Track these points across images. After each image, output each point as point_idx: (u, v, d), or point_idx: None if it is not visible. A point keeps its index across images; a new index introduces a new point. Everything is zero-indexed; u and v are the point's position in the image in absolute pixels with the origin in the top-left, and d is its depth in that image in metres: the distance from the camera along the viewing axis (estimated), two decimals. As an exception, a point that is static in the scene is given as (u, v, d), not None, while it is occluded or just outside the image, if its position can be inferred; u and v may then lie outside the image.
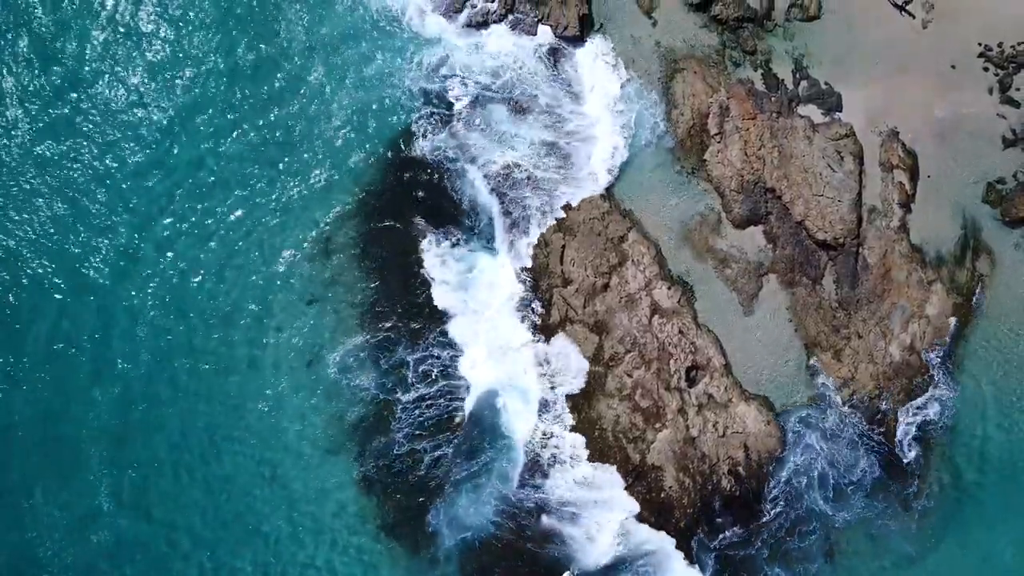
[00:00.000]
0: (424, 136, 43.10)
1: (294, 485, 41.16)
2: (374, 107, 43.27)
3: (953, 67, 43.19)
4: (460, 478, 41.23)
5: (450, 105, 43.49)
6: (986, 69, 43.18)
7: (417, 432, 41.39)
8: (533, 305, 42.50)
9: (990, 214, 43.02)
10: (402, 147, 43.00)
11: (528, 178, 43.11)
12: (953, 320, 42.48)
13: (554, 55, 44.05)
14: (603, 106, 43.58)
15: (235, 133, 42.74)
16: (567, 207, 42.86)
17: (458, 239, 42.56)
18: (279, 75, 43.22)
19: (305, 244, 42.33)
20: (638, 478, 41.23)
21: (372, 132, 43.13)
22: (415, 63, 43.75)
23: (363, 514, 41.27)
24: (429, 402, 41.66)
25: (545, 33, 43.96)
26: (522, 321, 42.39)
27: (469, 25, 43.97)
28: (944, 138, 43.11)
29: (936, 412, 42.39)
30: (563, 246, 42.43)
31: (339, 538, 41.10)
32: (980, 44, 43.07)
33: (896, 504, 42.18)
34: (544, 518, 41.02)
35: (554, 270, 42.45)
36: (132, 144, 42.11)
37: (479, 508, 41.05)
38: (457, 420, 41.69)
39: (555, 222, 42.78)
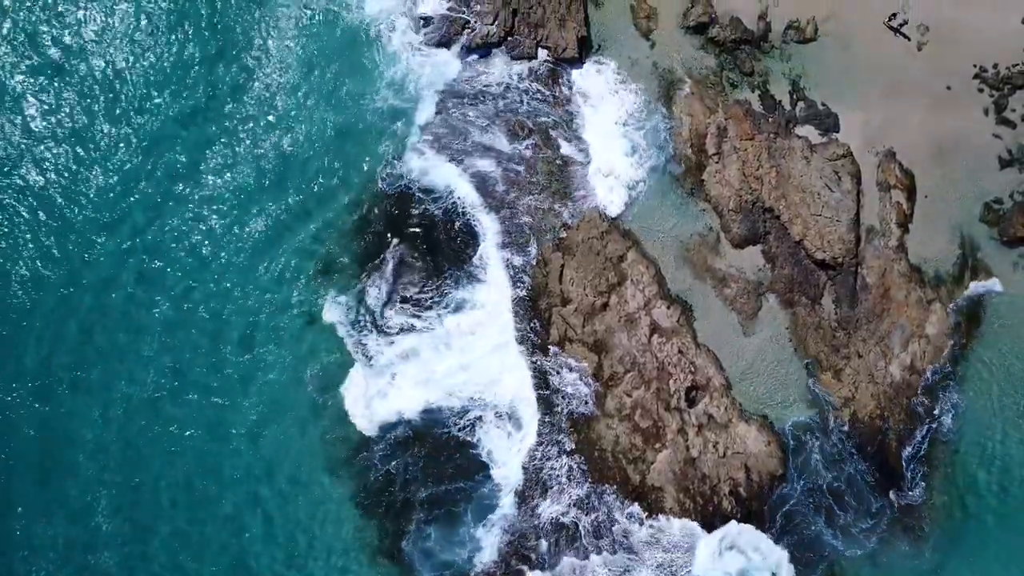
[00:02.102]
0: (420, 160, 43.29)
1: (288, 507, 40.89)
2: (368, 132, 43.54)
3: (949, 88, 43.53)
4: (454, 503, 40.94)
5: (447, 128, 43.72)
6: (981, 91, 43.51)
7: (413, 458, 41.23)
8: (531, 325, 42.39)
9: (988, 234, 43.15)
10: (398, 170, 43.15)
11: (525, 199, 43.24)
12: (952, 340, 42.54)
13: (552, 77, 44.40)
14: (601, 126, 43.88)
15: (232, 155, 43.05)
16: (565, 226, 42.96)
17: (446, 276, 42.55)
18: (273, 99, 43.52)
19: (303, 266, 42.36)
20: (638, 499, 40.86)
21: (368, 155, 43.35)
22: (413, 87, 44.01)
23: (359, 538, 40.86)
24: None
25: (544, 55, 44.35)
26: (519, 345, 42.19)
27: (468, 48, 44.31)
28: (941, 158, 43.34)
29: (939, 433, 42.09)
30: (562, 265, 42.44)
31: (333, 563, 40.68)
32: (975, 66, 43.43)
33: (900, 531, 41.70)
34: (544, 541, 40.68)
35: (553, 289, 42.41)
36: (119, 177, 42.39)
37: (476, 535, 40.71)
38: (454, 446, 41.48)
39: (553, 242, 42.84)
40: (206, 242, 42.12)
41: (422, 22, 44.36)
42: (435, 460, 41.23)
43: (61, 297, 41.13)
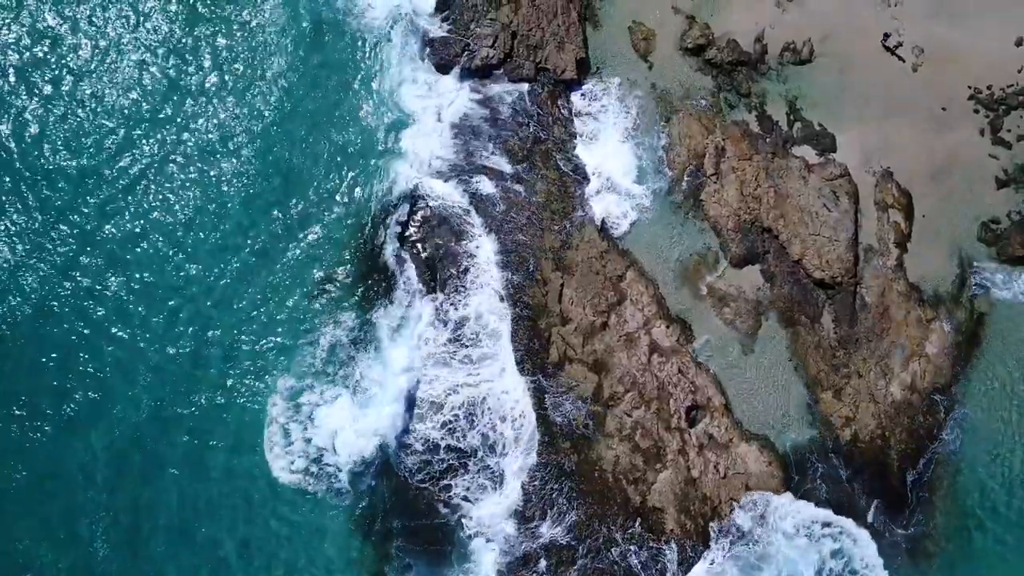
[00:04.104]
0: (418, 180, 43.39)
1: (287, 530, 40.48)
2: (364, 153, 43.58)
3: (944, 109, 43.87)
4: (450, 526, 40.55)
5: (446, 149, 43.89)
6: (977, 111, 43.87)
7: (406, 483, 40.95)
8: (531, 345, 42.27)
9: (986, 253, 43.27)
10: (395, 190, 43.22)
11: (524, 219, 43.34)
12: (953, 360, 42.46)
13: (551, 98, 44.68)
14: (599, 146, 44.13)
15: (234, 179, 43.14)
16: (565, 246, 43.01)
17: (444, 296, 42.41)
18: (273, 114, 43.72)
19: (298, 287, 42.24)
20: (639, 520, 40.54)
21: (365, 175, 43.42)
22: (412, 108, 44.28)
23: (352, 562, 40.42)
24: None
25: (543, 77, 44.66)
26: (518, 365, 42.01)
27: (467, 70, 44.60)
28: (937, 178, 43.58)
29: (944, 453, 41.85)
30: (561, 285, 42.47)
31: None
32: (970, 87, 43.82)
33: (905, 555, 41.27)
34: (544, 562, 40.27)
35: (552, 309, 42.40)
36: (115, 201, 42.30)
37: (475, 557, 40.29)
38: (451, 467, 41.19)
39: (553, 261, 42.87)
40: (196, 259, 42.14)
41: (425, 45, 44.71)
42: (434, 482, 40.86)
43: (61, 327, 40.81)
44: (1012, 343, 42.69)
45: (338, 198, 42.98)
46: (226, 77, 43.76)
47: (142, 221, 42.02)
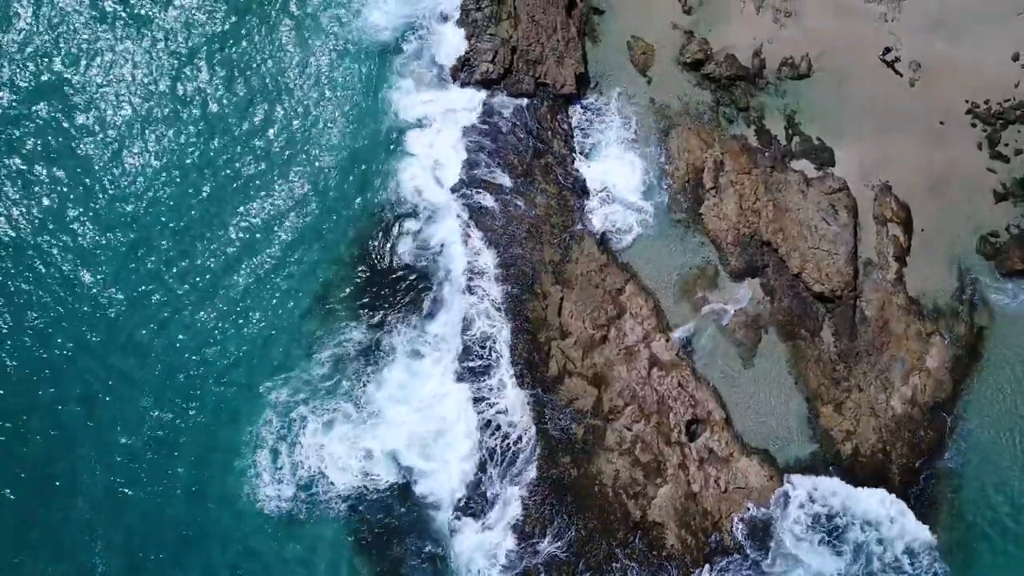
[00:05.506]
0: (417, 193, 43.67)
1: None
2: (363, 164, 43.91)
3: (942, 123, 44.08)
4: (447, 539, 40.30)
5: (446, 163, 44.05)
6: (974, 125, 44.08)
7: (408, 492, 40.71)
8: (531, 358, 42.19)
9: (985, 266, 43.29)
10: (395, 203, 43.48)
11: (524, 233, 43.37)
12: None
13: (551, 113, 44.92)
14: (598, 160, 44.39)
15: (231, 185, 43.43)
16: (565, 259, 43.04)
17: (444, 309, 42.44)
18: (280, 125, 44.14)
19: (306, 299, 42.28)
20: (640, 534, 40.27)
21: (368, 189, 43.72)
22: (412, 123, 44.60)
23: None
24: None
25: (542, 92, 44.90)
26: (518, 378, 41.90)
27: (468, 85, 44.88)
28: (936, 192, 43.70)
29: (945, 466, 41.65)
30: (561, 298, 42.45)
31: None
32: (967, 101, 44.05)
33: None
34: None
35: (552, 323, 42.34)
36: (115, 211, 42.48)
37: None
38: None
39: (553, 275, 42.88)
40: (196, 267, 42.24)
41: (431, 58, 45.02)
42: (434, 500, 40.63)
43: (60, 340, 40.79)
44: (1013, 356, 42.59)
45: (339, 208, 43.15)
46: (233, 84, 44.24)
47: (140, 227, 42.26)
